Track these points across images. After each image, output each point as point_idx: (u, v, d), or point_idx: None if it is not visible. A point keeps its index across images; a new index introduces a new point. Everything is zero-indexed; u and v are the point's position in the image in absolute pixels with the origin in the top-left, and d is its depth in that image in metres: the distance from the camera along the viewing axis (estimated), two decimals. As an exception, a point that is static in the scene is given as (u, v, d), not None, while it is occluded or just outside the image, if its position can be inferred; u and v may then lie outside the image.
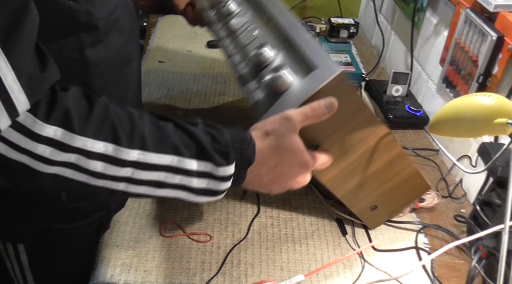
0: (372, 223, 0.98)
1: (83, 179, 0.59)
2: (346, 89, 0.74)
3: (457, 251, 0.95)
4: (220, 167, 0.64)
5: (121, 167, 0.60)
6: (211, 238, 0.95)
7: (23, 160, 0.56)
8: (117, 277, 0.87)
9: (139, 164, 0.61)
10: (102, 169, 0.59)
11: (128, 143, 0.60)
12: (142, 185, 0.63)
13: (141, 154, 0.60)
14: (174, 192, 0.65)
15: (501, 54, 0.96)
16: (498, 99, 0.70)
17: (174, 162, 0.62)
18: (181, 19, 1.18)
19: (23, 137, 0.54)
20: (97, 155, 0.58)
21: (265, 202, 1.03)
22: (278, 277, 0.88)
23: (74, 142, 0.57)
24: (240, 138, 0.66)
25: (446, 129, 0.77)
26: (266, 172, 0.70)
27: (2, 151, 0.54)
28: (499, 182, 0.89)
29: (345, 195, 0.89)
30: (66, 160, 0.57)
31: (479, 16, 1.03)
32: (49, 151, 0.56)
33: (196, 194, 0.66)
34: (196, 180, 0.64)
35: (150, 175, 0.62)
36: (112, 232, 0.95)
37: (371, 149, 0.83)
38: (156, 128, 0.63)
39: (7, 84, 0.51)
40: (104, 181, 0.60)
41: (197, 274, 0.88)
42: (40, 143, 0.55)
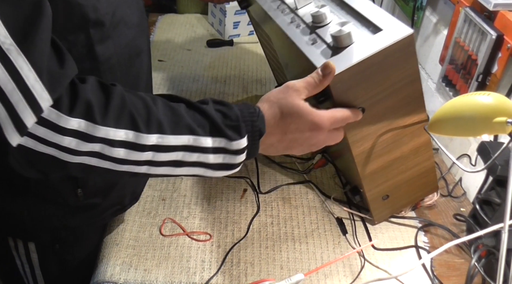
0: (379, 216, 0.98)
1: (108, 166, 0.62)
2: (410, 54, 0.74)
3: (457, 250, 0.96)
4: (234, 141, 0.66)
5: (142, 152, 0.63)
6: (211, 237, 0.95)
7: (51, 152, 0.58)
8: (117, 276, 0.87)
9: (158, 147, 0.63)
10: (125, 155, 0.62)
11: (147, 128, 0.62)
12: (162, 166, 0.65)
13: (159, 137, 0.63)
14: (192, 169, 0.68)
15: (500, 53, 0.96)
16: (498, 98, 0.70)
17: (190, 141, 0.65)
18: (181, 18, 1.18)
19: (50, 132, 0.57)
20: (119, 142, 0.61)
21: (265, 201, 1.04)
22: (278, 276, 0.88)
23: (97, 132, 0.59)
24: (248, 112, 0.68)
25: (445, 128, 0.77)
26: (278, 140, 0.72)
27: (31, 145, 0.57)
28: (498, 181, 0.89)
29: (367, 175, 0.90)
30: (90, 150, 0.60)
31: (479, 15, 1.03)
32: (75, 143, 0.58)
33: (213, 169, 0.68)
34: (212, 156, 0.67)
35: (169, 156, 0.65)
36: (112, 231, 0.95)
37: (405, 130, 0.84)
38: (170, 111, 0.65)
39: (29, 83, 0.53)
40: (127, 165, 0.63)
41: (197, 273, 0.88)
42: (66, 136, 0.57)
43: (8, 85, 0.52)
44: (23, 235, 0.91)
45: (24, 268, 0.95)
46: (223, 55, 1.58)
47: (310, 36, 0.81)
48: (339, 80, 0.71)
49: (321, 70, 0.70)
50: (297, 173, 1.11)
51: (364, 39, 0.74)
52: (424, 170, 0.94)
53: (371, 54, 0.71)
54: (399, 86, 0.77)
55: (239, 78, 1.44)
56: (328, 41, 0.77)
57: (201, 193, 1.05)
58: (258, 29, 1.16)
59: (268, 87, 1.40)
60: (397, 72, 0.75)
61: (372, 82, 0.75)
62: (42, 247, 0.92)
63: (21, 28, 0.52)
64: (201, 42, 1.64)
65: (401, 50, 0.72)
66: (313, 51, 0.77)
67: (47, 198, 0.83)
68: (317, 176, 1.11)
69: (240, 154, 0.68)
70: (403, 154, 0.89)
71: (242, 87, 1.40)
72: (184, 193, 1.04)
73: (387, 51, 0.71)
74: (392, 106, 0.80)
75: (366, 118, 0.78)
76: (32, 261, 0.94)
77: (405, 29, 0.72)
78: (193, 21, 1.79)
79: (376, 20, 0.76)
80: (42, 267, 0.95)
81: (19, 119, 0.54)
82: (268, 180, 1.09)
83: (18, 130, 0.54)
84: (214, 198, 1.04)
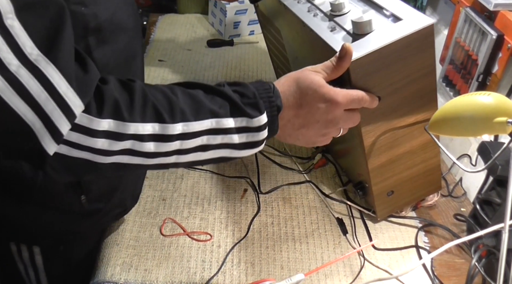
0: (382, 212, 0.99)
1: (139, 162, 0.63)
2: (429, 45, 0.76)
3: (457, 250, 0.96)
4: (254, 118, 0.67)
5: (170, 142, 0.64)
6: (211, 237, 0.95)
7: (85, 156, 0.59)
8: (117, 276, 0.87)
9: (184, 135, 0.64)
10: (155, 148, 0.63)
11: (171, 118, 0.63)
12: (190, 153, 0.66)
13: (184, 125, 0.64)
14: (218, 151, 0.68)
15: (501, 53, 0.96)
16: (498, 98, 0.70)
17: (213, 124, 0.66)
18: (181, 18, 1.18)
19: (82, 136, 0.57)
20: (148, 136, 0.62)
21: (265, 201, 1.04)
22: (278, 276, 0.88)
23: (127, 129, 0.60)
24: (264, 88, 0.69)
25: (446, 128, 0.76)
26: (294, 115, 0.72)
27: (64, 151, 0.57)
28: (499, 181, 0.89)
29: (375, 168, 0.90)
30: (122, 148, 0.61)
31: (479, 15, 1.03)
32: (107, 143, 0.59)
33: (239, 149, 0.69)
34: (235, 136, 0.68)
35: (195, 142, 0.66)
36: (112, 231, 0.95)
37: (416, 124, 0.85)
38: (190, 98, 0.66)
39: (62, 91, 0.54)
40: (158, 158, 0.64)
41: (197, 273, 0.88)
42: (98, 138, 0.58)
43: (42, 95, 0.52)
44: (27, 240, 0.91)
45: (27, 271, 0.95)
46: (223, 55, 1.58)
47: (329, 24, 0.82)
48: (358, 65, 0.72)
49: (339, 52, 0.71)
50: (298, 173, 1.11)
51: (384, 27, 0.75)
52: (430, 167, 0.94)
53: (392, 41, 0.72)
54: (415, 77, 0.79)
55: (240, 78, 1.44)
56: (347, 29, 0.79)
57: (202, 193, 1.05)
58: (267, 25, 1.17)
59: (268, 87, 1.40)
60: (415, 62, 0.76)
61: (391, 71, 0.76)
62: (46, 249, 0.92)
63: (47, 38, 0.53)
64: (201, 42, 1.64)
65: (421, 39, 0.74)
66: (332, 38, 0.79)
67: (51, 205, 0.83)
68: (317, 176, 1.11)
69: (262, 130, 0.69)
70: (412, 149, 0.89)
71: (242, 87, 1.40)
72: (184, 193, 1.04)
73: (407, 40, 0.73)
74: (407, 98, 0.81)
75: (381, 108, 0.79)
76: (36, 264, 0.94)
77: (426, 19, 0.73)
78: (193, 21, 1.79)
79: (396, 11, 0.77)
80: (47, 270, 0.95)
81: (55, 128, 0.54)
82: (269, 180, 1.09)
83: (54, 139, 0.55)
84: (214, 198, 1.04)
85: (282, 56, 1.14)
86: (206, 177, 1.09)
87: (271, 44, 1.23)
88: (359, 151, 0.88)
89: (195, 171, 1.10)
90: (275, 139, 0.70)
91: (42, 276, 0.96)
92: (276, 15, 1.02)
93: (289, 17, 0.92)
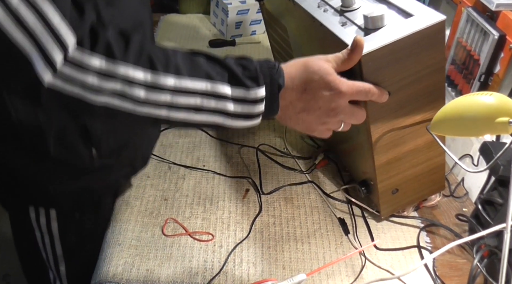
0: (386, 210, 0.99)
1: (129, 107, 0.65)
2: (440, 41, 0.77)
3: (459, 250, 0.96)
4: (251, 90, 0.68)
5: (161, 93, 0.65)
6: (213, 237, 0.95)
7: (76, 92, 0.62)
8: (119, 276, 0.87)
9: (176, 89, 0.66)
10: (145, 95, 0.65)
11: (164, 70, 0.65)
12: (181, 111, 0.67)
13: (177, 79, 0.66)
14: (212, 117, 0.69)
15: (503, 53, 0.96)
16: (500, 98, 0.70)
17: (208, 87, 0.67)
18: (183, 18, 1.19)
19: (75, 71, 0.61)
20: (138, 81, 0.64)
21: (267, 201, 1.04)
22: (280, 276, 0.89)
23: (117, 70, 0.63)
24: (268, 65, 0.71)
25: (447, 128, 0.76)
26: (298, 98, 0.72)
27: (59, 86, 0.61)
28: (500, 181, 0.89)
29: (381, 165, 0.90)
30: (112, 88, 0.63)
31: (481, 15, 1.03)
32: (98, 80, 0.62)
33: (233, 118, 0.70)
34: (230, 104, 0.69)
35: (187, 100, 0.67)
36: (114, 230, 0.95)
37: (423, 122, 0.85)
38: (188, 59, 0.68)
39: (55, 23, 0.59)
40: (148, 108, 0.66)
41: (199, 273, 0.88)
42: (89, 74, 0.62)
43: (38, 26, 0.58)
44: (45, 201, 0.94)
45: (43, 240, 0.99)
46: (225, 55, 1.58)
47: (340, 19, 0.83)
48: (370, 58, 0.73)
49: (350, 44, 0.72)
50: (299, 173, 1.11)
51: (396, 22, 0.76)
52: (435, 166, 0.95)
53: (404, 36, 0.73)
54: (425, 73, 0.79)
55: (241, 78, 1.44)
56: (359, 24, 0.79)
57: (203, 193, 1.05)
58: (272, 23, 1.17)
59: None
60: (426, 58, 0.77)
61: (401, 66, 0.77)
62: (62, 215, 0.96)
63: None
64: (203, 42, 1.64)
65: (432, 35, 0.74)
66: (344, 32, 0.79)
67: (65, 160, 0.86)
68: (319, 176, 1.11)
69: (259, 104, 0.69)
70: (418, 147, 0.90)
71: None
72: (186, 193, 1.04)
73: (419, 35, 0.74)
74: (416, 94, 0.82)
75: (390, 103, 0.79)
76: (52, 231, 0.97)
77: (438, 15, 0.74)
78: (195, 21, 1.79)
79: (407, 7, 0.78)
80: (62, 237, 0.99)
81: (50, 56, 0.59)
82: (270, 180, 1.09)
83: (49, 66, 0.59)
84: (216, 198, 1.04)
85: (287, 54, 1.14)
86: (208, 177, 1.09)
87: (276, 43, 1.23)
88: (366, 147, 0.88)
89: (197, 171, 1.10)
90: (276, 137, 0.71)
91: (57, 244, 1.00)
92: (282, 12, 1.03)
93: (297, 14, 0.92)
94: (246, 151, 1.17)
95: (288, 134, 1.22)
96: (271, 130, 1.23)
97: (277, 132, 1.22)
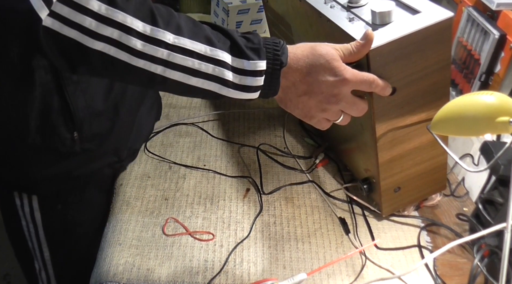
0: (387, 209, 0.99)
1: (125, 58, 0.65)
2: (447, 37, 0.78)
3: (460, 250, 0.96)
4: (252, 61, 0.68)
5: (158, 47, 0.65)
6: (214, 237, 0.95)
7: (74, 35, 0.62)
8: (119, 275, 0.87)
9: (174, 46, 0.66)
10: (141, 47, 0.64)
11: (164, 26, 0.65)
12: (177, 70, 0.67)
13: (176, 38, 0.65)
14: (208, 83, 0.69)
15: (503, 53, 0.96)
16: (501, 97, 0.70)
17: (207, 50, 0.67)
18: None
19: (73, 11, 0.60)
20: (136, 32, 0.64)
21: (268, 201, 1.04)
22: (281, 275, 0.89)
23: (116, 16, 0.62)
24: (273, 41, 0.70)
25: (448, 128, 0.76)
26: (300, 80, 0.72)
27: (57, 27, 0.61)
28: (501, 181, 0.89)
29: (385, 162, 0.90)
30: (109, 35, 0.63)
31: (482, 15, 1.03)
32: (95, 24, 0.62)
33: (229, 88, 0.70)
34: (229, 72, 0.68)
35: (185, 61, 0.66)
36: (114, 230, 0.95)
37: (428, 119, 0.85)
38: (192, 23, 0.68)
39: None
40: (144, 61, 0.65)
41: (200, 273, 0.88)
42: (87, 16, 0.61)
43: None
44: (27, 187, 0.94)
45: (29, 229, 0.99)
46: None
47: (347, 14, 0.83)
48: (378, 53, 0.74)
49: (361, 38, 0.72)
50: (300, 173, 1.11)
51: (403, 18, 0.77)
52: (437, 165, 0.95)
53: (412, 31, 0.74)
54: (432, 70, 0.80)
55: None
56: (366, 19, 0.80)
57: (204, 193, 1.05)
58: (275, 21, 1.17)
59: (270, 87, 1.40)
60: (433, 55, 0.78)
61: (408, 62, 0.77)
62: (45, 204, 0.96)
63: None
64: (203, 42, 1.64)
65: (440, 32, 0.75)
66: (352, 28, 0.80)
67: (46, 142, 0.86)
68: (319, 175, 1.11)
69: (258, 77, 0.69)
70: (421, 145, 0.90)
71: (244, 87, 1.40)
72: (187, 193, 1.04)
73: (427, 31, 0.74)
74: (421, 91, 0.82)
75: (395, 99, 0.80)
76: (36, 220, 0.97)
77: (445, 12, 0.75)
78: (195, 21, 1.79)
79: (414, 3, 0.79)
80: (45, 227, 0.99)
81: None
82: (271, 179, 1.09)
83: (46, 3, 0.58)
84: (216, 198, 1.04)
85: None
86: (208, 177, 1.09)
87: None
88: (370, 143, 0.88)
89: (197, 171, 1.10)
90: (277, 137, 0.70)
91: (41, 235, 1.00)
92: (287, 10, 1.03)
93: (302, 10, 0.93)
94: (246, 150, 1.17)
95: (289, 134, 1.22)
96: (272, 130, 1.23)
97: (277, 132, 1.22)
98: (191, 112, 1.28)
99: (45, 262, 1.04)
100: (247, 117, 1.27)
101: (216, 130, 1.23)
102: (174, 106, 1.29)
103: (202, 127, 1.23)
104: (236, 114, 1.28)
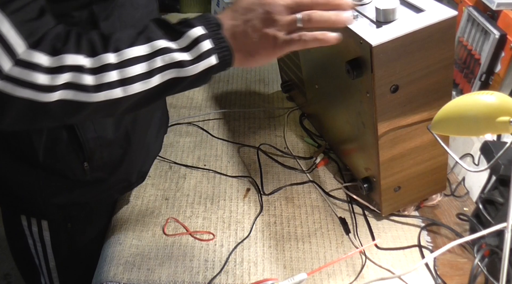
0: (387, 208, 0.99)
1: (85, 98, 0.63)
2: (450, 36, 0.78)
3: (460, 249, 0.96)
4: (187, 32, 0.66)
5: (108, 71, 0.63)
6: (214, 237, 0.95)
7: (27, 95, 0.60)
8: (120, 275, 0.87)
9: (119, 62, 0.64)
10: (95, 80, 0.63)
11: (103, 49, 0.64)
12: (135, 82, 0.65)
13: (116, 54, 0.64)
14: (166, 74, 0.67)
15: (503, 53, 0.96)
16: (501, 97, 0.70)
17: (148, 48, 0.65)
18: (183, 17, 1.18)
19: (24, 71, 0.60)
20: (84, 68, 0.62)
21: (268, 201, 1.04)
22: (281, 275, 0.89)
23: (63, 60, 0.61)
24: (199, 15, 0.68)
25: (448, 127, 0.76)
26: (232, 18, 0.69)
27: (9, 90, 0.59)
28: (501, 180, 0.89)
29: (386, 161, 0.90)
30: (63, 82, 0.61)
31: (482, 15, 1.03)
32: (48, 78, 0.61)
33: (186, 66, 0.67)
34: (175, 54, 0.66)
35: (135, 69, 0.65)
36: (115, 230, 0.96)
37: (430, 118, 0.85)
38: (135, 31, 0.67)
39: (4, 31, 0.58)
40: (103, 92, 0.64)
41: (200, 273, 0.88)
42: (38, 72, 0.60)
43: None
44: (36, 213, 0.93)
45: (36, 247, 0.98)
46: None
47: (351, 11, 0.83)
48: (382, 50, 0.74)
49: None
50: (300, 172, 1.11)
51: (407, 16, 0.77)
52: (438, 165, 0.95)
53: (416, 29, 0.75)
54: (434, 69, 0.80)
55: (242, 77, 1.44)
56: (370, 17, 0.81)
57: (204, 193, 1.05)
58: None
59: (271, 87, 1.40)
60: (436, 53, 0.78)
61: (412, 59, 0.78)
62: (54, 225, 0.95)
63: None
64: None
65: (443, 30, 0.76)
66: (356, 25, 0.80)
67: (56, 171, 0.85)
68: (320, 175, 1.11)
69: (201, 42, 0.66)
70: (423, 144, 0.90)
71: (245, 86, 1.40)
72: (187, 193, 1.05)
73: (430, 29, 0.75)
74: (424, 90, 0.82)
75: (398, 97, 0.80)
76: (45, 240, 0.97)
77: (449, 11, 0.76)
78: (195, 21, 1.79)
79: (418, 2, 0.80)
80: (54, 246, 0.98)
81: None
82: (271, 179, 1.09)
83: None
84: (217, 197, 1.04)
85: (292, 52, 1.14)
86: (208, 177, 1.09)
87: None
88: (372, 142, 0.88)
89: (197, 170, 1.10)
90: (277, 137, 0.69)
91: (49, 252, 0.99)
92: None
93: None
94: (247, 150, 1.17)
95: (289, 134, 1.22)
96: (272, 130, 1.23)
97: (278, 132, 1.22)
98: (191, 112, 1.28)
99: (51, 277, 1.03)
100: (248, 117, 1.27)
101: (216, 130, 1.23)
102: (175, 106, 1.29)
103: (203, 127, 1.23)
104: (236, 114, 1.28)
